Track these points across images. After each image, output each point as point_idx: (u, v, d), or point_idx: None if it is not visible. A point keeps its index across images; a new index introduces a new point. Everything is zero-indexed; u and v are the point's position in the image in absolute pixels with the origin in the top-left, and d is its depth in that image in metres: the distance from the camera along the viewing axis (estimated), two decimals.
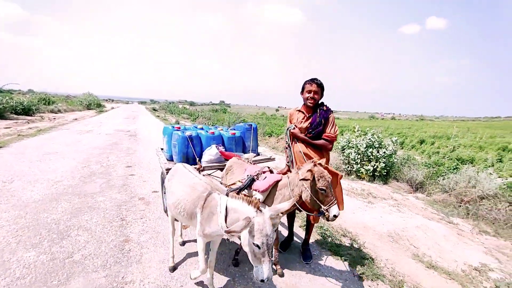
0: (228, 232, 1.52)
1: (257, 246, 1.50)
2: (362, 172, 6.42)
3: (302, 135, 2.53)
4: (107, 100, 72.72)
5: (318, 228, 3.32)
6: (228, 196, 1.85)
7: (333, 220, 1.98)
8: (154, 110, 36.06)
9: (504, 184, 5.39)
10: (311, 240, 2.97)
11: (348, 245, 3.06)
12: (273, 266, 2.44)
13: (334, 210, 1.95)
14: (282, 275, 2.41)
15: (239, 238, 1.69)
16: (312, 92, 2.47)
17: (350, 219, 3.85)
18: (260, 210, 1.62)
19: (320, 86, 2.50)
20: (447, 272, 2.83)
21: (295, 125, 2.61)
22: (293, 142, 2.62)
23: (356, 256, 2.79)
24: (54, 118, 16.02)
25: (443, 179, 5.67)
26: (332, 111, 2.61)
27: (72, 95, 49.06)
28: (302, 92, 2.59)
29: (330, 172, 2.10)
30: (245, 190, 2.33)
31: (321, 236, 3.18)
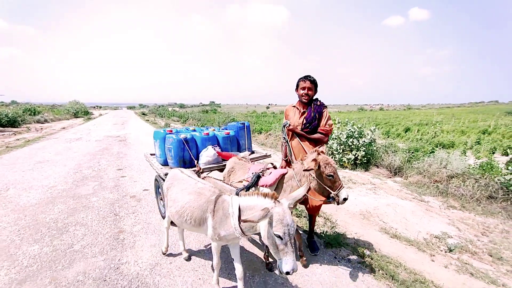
0: (245, 221, 1.54)
1: (279, 236, 1.48)
2: (344, 161, 6.86)
3: (298, 130, 2.64)
4: (94, 107, 71.89)
5: (294, 210, 3.71)
6: (238, 195, 1.86)
7: (343, 203, 2.07)
8: (143, 114, 36.00)
9: (476, 164, 5.91)
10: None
11: (321, 223, 3.46)
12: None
13: (343, 193, 2.05)
14: (306, 266, 2.53)
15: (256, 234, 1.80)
16: (306, 89, 2.61)
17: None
18: (278, 201, 1.60)
19: (314, 83, 2.64)
20: (408, 240, 3.26)
21: (289, 122, 2.71)
22: (291, 138, 2.76)
23: (328, 232, 3.20)
24: (41, 128, 16.02)
25: (418, 163, 6.16)
26: (326, 106, 2.73)
27: (58, 103, 48.44)
28: (296, 89, 2.73)
29: None
30: (253, 187, 2.38)
31: (296, 217, 3.58)
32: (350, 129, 7.00)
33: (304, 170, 2.09)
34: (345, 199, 2.06)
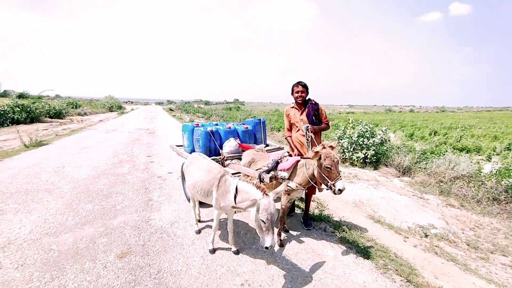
0: (233, 207, 1.99)
1: (263, 221, 1.92)
2: (354, 160, 7.30)
3: (317, 127, 3.18)
4: (126, 102, 77.37)
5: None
6: (261, 178, 2.55)
7: (339, 193, 2.38)
8: (170, 110, 38.35)
9: (494, 169, 6.08)
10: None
11: (313, 206, 4.10)
12: (278, 237, 2.95)
13: (339, 184, 2.36)
14: (282, 245, 2.94)
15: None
16: (300, 92, 3.21)
17: (323, 192, 4.85)
18: (267, 194, 2.04)
19: (305, 87, 3.24)
20: (390, 226, 3.77)
21: (307, 125, 3.12)
22: (291, 131, 3.41)
23: (317, 212, 3.84)
24: (82, 120, 18.21)
25: (426, 163, 6.44)
26: (318, 103, 3.32)
27: (95, 98, 53.23)
28: (292, 93, 3.32)
29: None
30: (272, 171, 2.85)
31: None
32: (361, 129, 7.41)
33: (303, 158, 2.59)
34: (340, 190, 2.36)
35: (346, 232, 3.25)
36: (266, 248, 1.91)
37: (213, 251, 2.72)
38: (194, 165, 2.78)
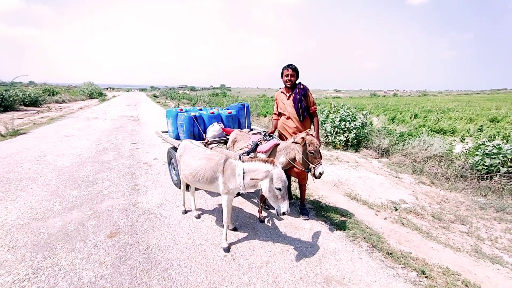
0: (252, 179, 2.10)
1: (279, 189, 2.08)
2: (336, 143, 7.63)
3: (315, 133, 2.99)
4: (108, 89, 74.33)
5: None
6: (241, 159, 2.47)
7: (319, 177, 2.59)
8: (154, 96, 37.40)
9: (464, 149, 6.54)
10: None
11: (294, 186, 4.36)
12: (258, 214, 3.26)
13: (319, 169, 2.58)
14: (262, 221, 3.21)
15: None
16: (289, 76, 3.16)
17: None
18: (276, 165, 2.20)
19: (295, 70, 3.19)
20: (365, 202, 4.10)
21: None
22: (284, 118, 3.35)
23: (297, 192, 4.10)
24: (60, 108, 17.57)
25: (402, 145, 6.85)
26: (307, 88, 3.26)
27: (73, 85, 50.84)
28: (281, 76, 3.27)
29: None
30: (251, 153, 2.97)
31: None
32: (343, 113, 7.70)
33: (292, 142, 2.75)
34: (320, 174, 2.59)
35: (322, 208, 3.54)
36: (283, 213, 2.09)
37: (227, 249, 2.59)
38: (189, 154, 2.77)
